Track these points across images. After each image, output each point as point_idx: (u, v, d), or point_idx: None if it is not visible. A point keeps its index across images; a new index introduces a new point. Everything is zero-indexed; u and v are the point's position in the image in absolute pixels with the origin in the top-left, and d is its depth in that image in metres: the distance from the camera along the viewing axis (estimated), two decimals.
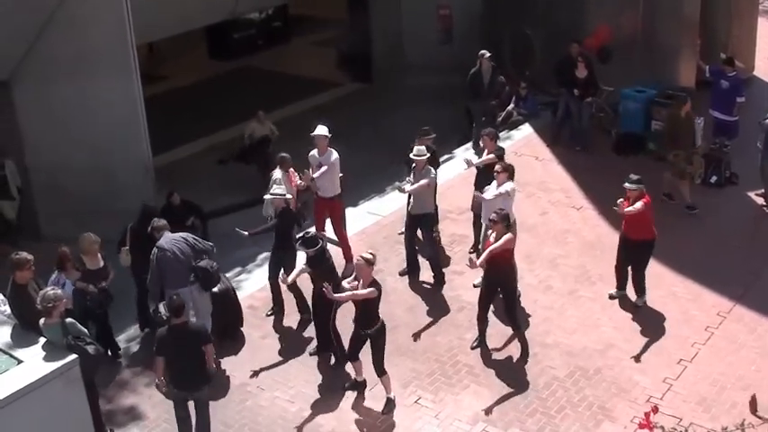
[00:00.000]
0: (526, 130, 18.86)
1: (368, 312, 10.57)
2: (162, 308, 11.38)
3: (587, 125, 17.82)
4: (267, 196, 12.39)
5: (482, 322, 11.87)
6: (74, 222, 15.21)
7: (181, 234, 11.75)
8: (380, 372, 10.79)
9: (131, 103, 15.38)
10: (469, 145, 18.24)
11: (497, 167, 12.58)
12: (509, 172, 12.54)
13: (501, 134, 18.48)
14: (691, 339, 11.96)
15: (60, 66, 14.95)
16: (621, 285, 12.85)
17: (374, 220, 15.44)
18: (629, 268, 12.67)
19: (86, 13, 14.75)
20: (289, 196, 12.59)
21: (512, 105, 19.44)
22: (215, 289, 11.85)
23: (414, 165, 13.18)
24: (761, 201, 15.48)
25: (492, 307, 11.96)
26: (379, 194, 16.15)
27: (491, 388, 11.19)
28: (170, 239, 11.53)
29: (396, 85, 22.11)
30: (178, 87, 23.61)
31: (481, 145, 14.38)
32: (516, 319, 11.72)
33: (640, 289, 12.70)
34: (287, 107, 21.89)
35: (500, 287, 11.56)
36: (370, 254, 10.57)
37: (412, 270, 13.68)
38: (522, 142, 18.29)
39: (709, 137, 16.52)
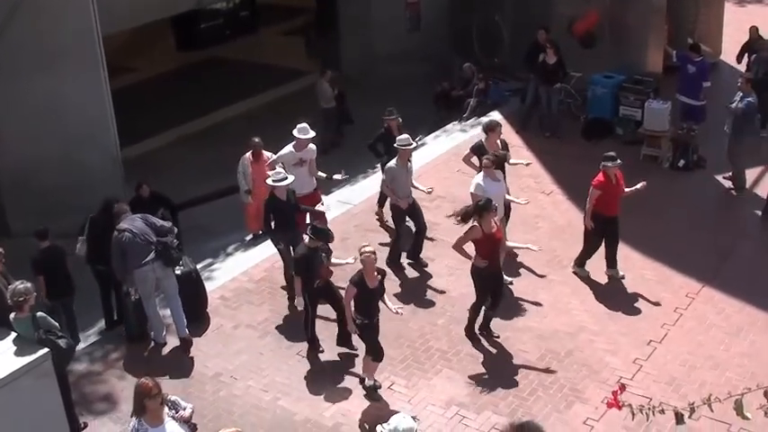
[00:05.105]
0: (495, 116, 18.87)
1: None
2: (132, 291, 11.60)
3: (556, 111, 17.90)
4: (272, 183, 12.42)
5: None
6: (43, 218, 15.14)
7: (140, 215, 11.79)
8: (375, 356, 10.78)
9: (98, 96, 15.28)
10: (438, 132, 18.25)
11: (485, 162, 12.55)
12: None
13: (471, 122, 18.63)
14: (660, 321, 12.08)
15: (26, 58, 14.81)
16: (612, 264, 13.00)
17: (345, 209, 15.43)
18: (605, 244, 12.83)
19: (51, 5, 14.63)
20: (291, 178, 12.58)
21: (474, 100, 19.37)
22: (177, 271, 11.86)
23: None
24: (728, 184, 15.62)
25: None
26: (350, 183, 16.14)
27: (463, 372, 11.24)
28: (129, 219, 11.58)
29: (365, 73, 22.10)
30: (146, 79, 23.46)
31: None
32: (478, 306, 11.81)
33: (614, 260, 12.87)
34: (256, 97, 21.84)
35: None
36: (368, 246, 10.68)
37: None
38: None
39: (677, 121, 16.68)
